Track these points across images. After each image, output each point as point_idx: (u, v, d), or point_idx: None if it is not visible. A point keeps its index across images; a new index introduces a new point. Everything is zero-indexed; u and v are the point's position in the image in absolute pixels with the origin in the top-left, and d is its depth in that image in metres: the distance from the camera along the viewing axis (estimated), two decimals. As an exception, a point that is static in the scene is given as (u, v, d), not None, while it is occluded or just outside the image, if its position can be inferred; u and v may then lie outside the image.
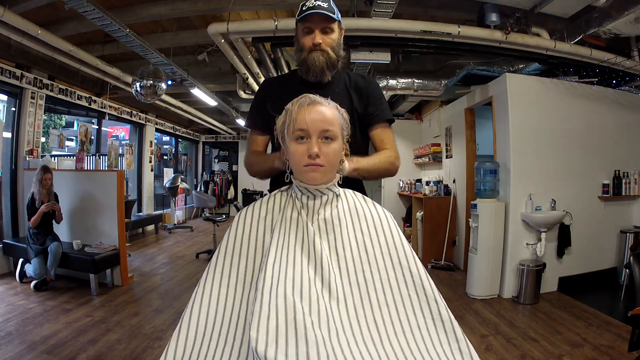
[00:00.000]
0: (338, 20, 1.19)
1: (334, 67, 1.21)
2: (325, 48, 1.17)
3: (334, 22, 1.17)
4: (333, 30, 1.18)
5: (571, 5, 2.70)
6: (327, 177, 0.90)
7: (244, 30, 3.10)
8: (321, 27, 1.16)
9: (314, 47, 1.16)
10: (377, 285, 0.84)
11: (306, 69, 1.19)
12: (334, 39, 1.19)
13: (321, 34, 1.17)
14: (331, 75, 1.21)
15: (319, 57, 1.16)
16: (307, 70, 1.19)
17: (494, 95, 3.68)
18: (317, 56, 1.16)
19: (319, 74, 1.18)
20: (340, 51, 1.22)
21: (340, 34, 1.23)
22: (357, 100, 1.25)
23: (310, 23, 1.16)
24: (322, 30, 1.17)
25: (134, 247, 5.43)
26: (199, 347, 0.78)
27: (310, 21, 1.16)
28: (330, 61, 1.18)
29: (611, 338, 2.46)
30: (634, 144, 3.78)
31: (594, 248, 3.64)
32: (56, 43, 3.42)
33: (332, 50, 1.18)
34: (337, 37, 1.20)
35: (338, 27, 1.21)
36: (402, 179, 5.96)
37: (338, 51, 1.20)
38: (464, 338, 0.79)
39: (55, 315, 2.82)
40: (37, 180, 3.39)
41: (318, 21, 1.16)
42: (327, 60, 1.17)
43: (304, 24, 1.18)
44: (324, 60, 1.17)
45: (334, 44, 1.18)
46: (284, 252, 0.83)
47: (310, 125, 0.86)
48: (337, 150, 0.89)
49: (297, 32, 1.22)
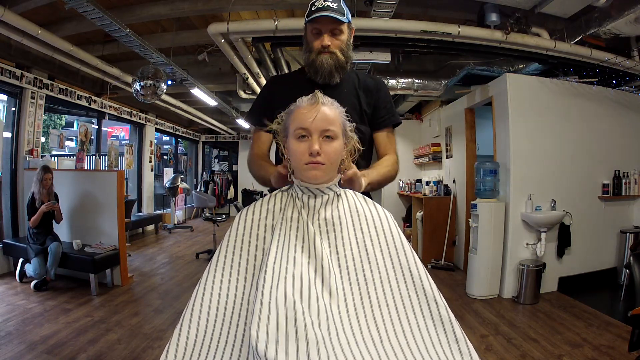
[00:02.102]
0: (348, 22, 1.17)
1: (343, 69, 1.19)
2: (334, 50, 1.15)
3: (343, 24, 1.15)
4: (342, 32, 1.16)
5: (571, 5, 2.70)
6: (328, 176, 0.90)
7: (244, 30, 3.10)
8: (330, 28, 1.14)
9: (322, 49, 1.15)
10: (377, 284, 0.84)
11: (314, 71, 1.17)
12: (343, 41, 1.17)
13: (330, 36, 1.15)
14: (340, 77, 1.20)
15: (328, 59, 1.15)
16: (316, 72, 1.17)
17: (494, 95, 3.68)
18: (326, 58, 1.15)
19: (327, 76, 1.17)
20: (350, 52, 1.20)
21: (350, 35, 1.20)
22: (366, 101, 1.23)
23: (319, 25, 1.14)
24: (331, 32, 1.15)
25: (134, 247, 5.43)
26: (200, 346, 0.78)
27: (320, 23, 1.14)
28: (339, 63, 1.17)
29: (611, 338, 2.46)
30: (634, 144, 3.78)
31: (594, 248, 3.64)
32: (56, 43, 3.42)
33: (340, 52, 1.16)
34: (346, 39, 1.18)
35: (348, 28, 1.19)
36: (402, 179, 5.96)
37: (347, 52, 1.19)
38: (464, 338, 0.79)
39: (55, 315, 2.82)
40: (37, 180, 3.39)
41: (327, 23, 1.13)
42: (335, 62, 1.16)
43: (312, 25, 1.16)
44: (333, 63, 1.15)
45: (343, 45, 1.16)
46: (284, 252, 0.83)
47: (311, 123, 0.86)
48: (337, 149, 0.89)
49: (305, 32, 1.20)
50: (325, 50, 1.14)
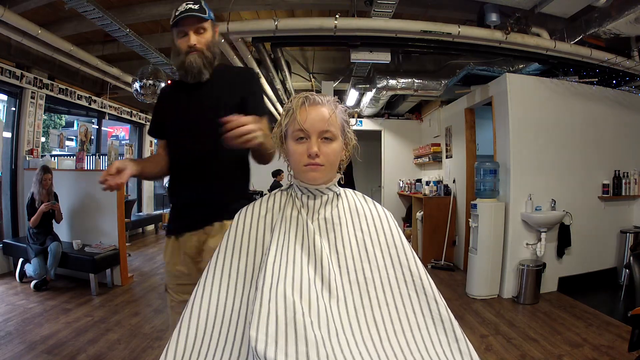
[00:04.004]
0: (211, 19, 1.24)
1: (211, 65, 1.25)
2: (201, 48, 1.22)
3: (206, 22, 1.23)
4: (206, 30, 1.24)
5: (571, 5, 2.70)
6: (327, 177, 0.89)
7: (244, 30, 3.10)
8: (194, 28, 1.21)
9: (189, 49, 1.21)
10: (377, 284, 0.84)
11: (184, 72, 1.23)
12: (208, 38, 1.24)
13: (196, 35, 1.22)
14: (209, 73, 1.25)
15: (196, 58, 1.21)
16: (186, 73, 1.23)
17: (494, 95, 3.68)
18: (194, 58, 1.21)
19: (196, 75, 1.23)
20: (216, 48, 1.27)
21: (214, 33, 1.28)
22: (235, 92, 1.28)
23: (183, 27, 1.21)
24: (196, 31, 1.22)
25: (134, 247, 5.43)
26: (199, 346, 0.78)
27: (183, 25, 1.21)
28: (207, 60, 1.24)
29: (611, 338, 2.46)
30: (634, 144, 3.78)
31: (594, 248, 3.64)
32: (56, 43, 3.42)
33: (207, 49, 1.23)
34: (211, 36, 1.25)
35: (211, 26, 1.26)
36: (402, 179, 5.97)
37: (214, 49, 1.26)
38: (464, 338, 0.79)
39: (55, 315, 2.82)
40: (37, 180, 3.39)
41: (190, 23, 1.21)
42: (203, 60, 1.22)
43: (178, 29, 1.23)
44: (201, 62, 1.22)
45: (208, 42, 1.24)
46: (284, 251, 0.83)
47: (309, 125, 0.85)
48: (336, 150, 0.88)
49: (173, 38, 1.27)
50: (193, 50, 1.21)
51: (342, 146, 0.90)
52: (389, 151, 6.28)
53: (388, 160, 6.27)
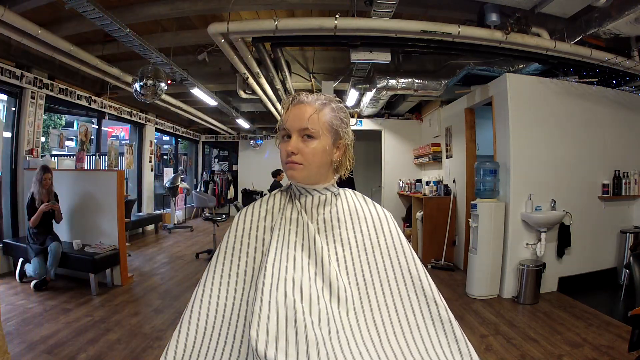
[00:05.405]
0: None
1: None
2: None
3: None
4: None
5: (571, 5, 2.70)
6: (308, 175, 0.86)
7: (244, 30, 3.10)
8: None
9: None
10: (377, 286, 0.84)
11: None
12: None
13: None
14: None
15: None
16: None
17: (494, 95, 3.68)
18: None
19: None
20: None
21: None
22: None
23: None
24: None
25: (134, 247, 5.43)
26: (199, 346, 0.78)
27: None
28: None
29: (611, 338, 2.46)
30: (634, 144, 3.78)
31: (593, 248, 3.64)
32: (56, 43, 3.42)
33: None
34: None
35: None
36: (402, 179, 5.97)
37: None
38: (464, 338, 0.79)
39: (55, 315, 2.82)
40: (37, 180, 3.39)
41: None
42: None
43: None
44: None
45: None
46: (284, 251, 0.83)
47: (289, 124, 0.85)
48: (317, 148, 0.84)
49: None
50: None
51: (326, 145, 0.86)
52: (389, 151, 6.28)
53: (388, 160, 6.27)
